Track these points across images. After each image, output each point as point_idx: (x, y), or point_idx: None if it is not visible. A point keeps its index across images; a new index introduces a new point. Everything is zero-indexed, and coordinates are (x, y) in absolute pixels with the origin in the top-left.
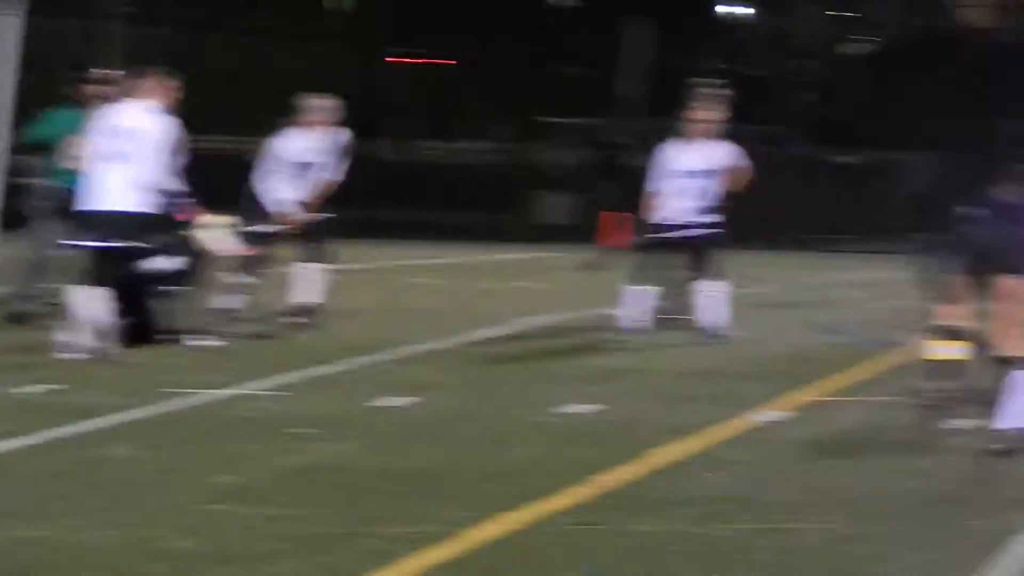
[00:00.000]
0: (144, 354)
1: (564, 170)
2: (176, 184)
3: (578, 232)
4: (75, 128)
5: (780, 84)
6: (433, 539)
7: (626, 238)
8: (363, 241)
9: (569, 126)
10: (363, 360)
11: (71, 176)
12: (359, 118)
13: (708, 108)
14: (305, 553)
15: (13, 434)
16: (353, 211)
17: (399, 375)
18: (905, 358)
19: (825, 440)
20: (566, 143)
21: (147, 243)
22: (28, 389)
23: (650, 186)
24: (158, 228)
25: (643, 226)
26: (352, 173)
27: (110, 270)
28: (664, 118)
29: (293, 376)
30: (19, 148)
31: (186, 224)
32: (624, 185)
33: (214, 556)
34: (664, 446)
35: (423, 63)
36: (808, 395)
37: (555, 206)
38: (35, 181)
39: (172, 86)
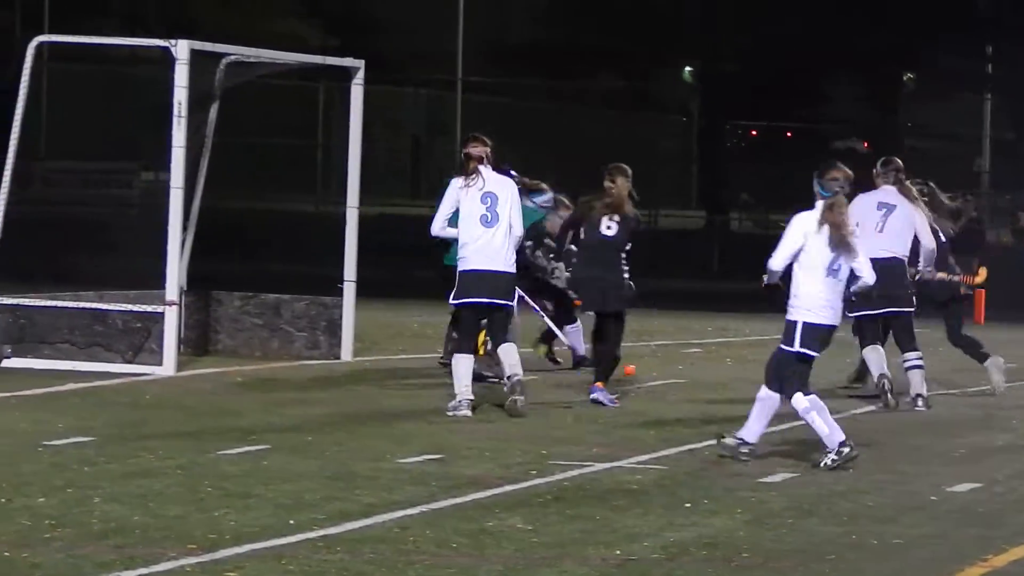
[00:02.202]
0: (522, 423)
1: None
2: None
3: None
4: None
5: None
6: None
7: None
8: (728, 314)
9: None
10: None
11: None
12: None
13: None
14: None
15: (399, 504)
16: (712, 284)
17: (780, 449)
18: None
19: None
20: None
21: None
22: (410, 459)
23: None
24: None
25: None
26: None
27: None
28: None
29: (674, 449)
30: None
31: None
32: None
33: None
34: None
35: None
36: None
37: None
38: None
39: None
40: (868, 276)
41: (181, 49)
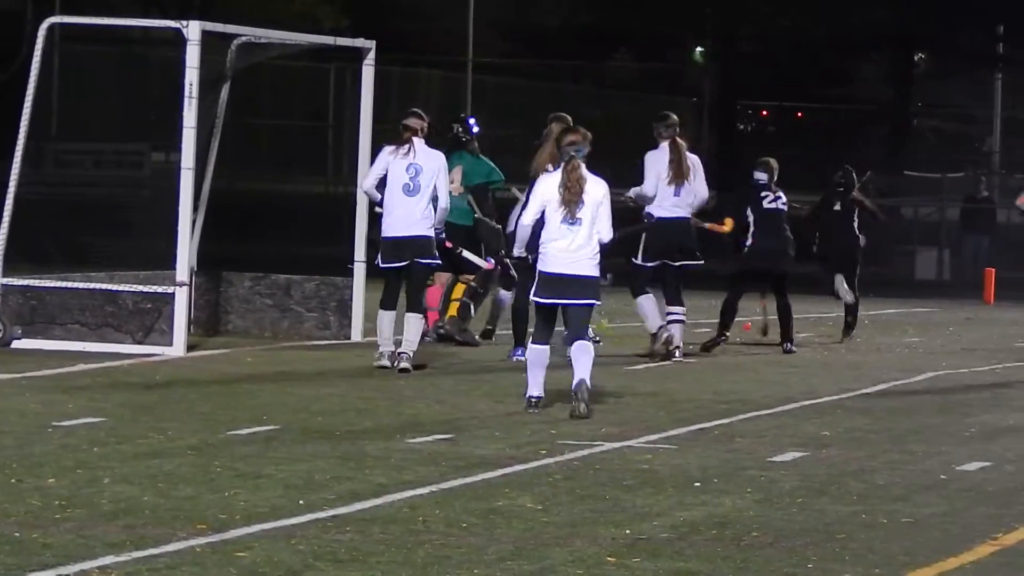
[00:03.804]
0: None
1: (932, 225)
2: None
3: (949, 288)
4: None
5: None
6: None
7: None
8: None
9: (935, 180)
10: (754, 414)
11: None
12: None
13: None
14: None
15: (409, 484)
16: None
17: (791, 429)
18: None
19: None
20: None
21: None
22: (420, 439)
23: None
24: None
25: None
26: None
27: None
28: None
29: (684, 429)
30: None
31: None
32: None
33: None
34: None
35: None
36: None
37: (927, 261)
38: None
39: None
40: (605, 234)
41: (192, 30)
